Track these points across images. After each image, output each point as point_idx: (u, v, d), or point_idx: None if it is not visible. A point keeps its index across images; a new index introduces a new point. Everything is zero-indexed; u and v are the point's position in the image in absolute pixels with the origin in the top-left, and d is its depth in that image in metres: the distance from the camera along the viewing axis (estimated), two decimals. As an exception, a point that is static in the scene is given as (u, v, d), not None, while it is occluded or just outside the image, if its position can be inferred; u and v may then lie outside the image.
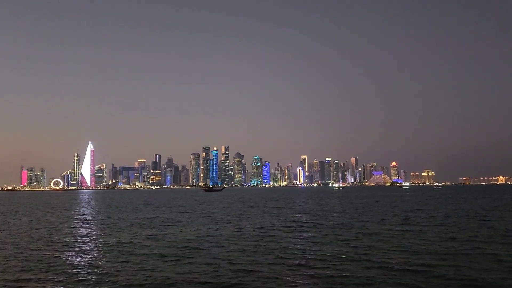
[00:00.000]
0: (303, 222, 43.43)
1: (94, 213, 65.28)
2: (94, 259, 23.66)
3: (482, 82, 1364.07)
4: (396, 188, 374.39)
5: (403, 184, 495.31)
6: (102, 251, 26.23)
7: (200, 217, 52.17)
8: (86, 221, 49.40)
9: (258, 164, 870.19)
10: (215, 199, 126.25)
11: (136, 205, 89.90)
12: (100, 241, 30.95)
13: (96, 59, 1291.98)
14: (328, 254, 23.79)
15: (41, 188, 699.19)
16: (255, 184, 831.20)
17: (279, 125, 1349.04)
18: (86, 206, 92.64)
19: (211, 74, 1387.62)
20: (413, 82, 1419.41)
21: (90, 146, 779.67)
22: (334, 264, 21.04)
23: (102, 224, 45.51)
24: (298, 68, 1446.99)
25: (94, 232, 37.26)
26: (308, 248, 25.95)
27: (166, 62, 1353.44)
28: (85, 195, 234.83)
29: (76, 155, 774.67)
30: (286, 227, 38.97)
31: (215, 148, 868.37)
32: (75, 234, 35.82)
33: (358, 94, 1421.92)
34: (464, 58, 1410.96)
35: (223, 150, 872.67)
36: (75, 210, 76.29)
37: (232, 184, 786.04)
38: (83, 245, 28.92)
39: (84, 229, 40.06)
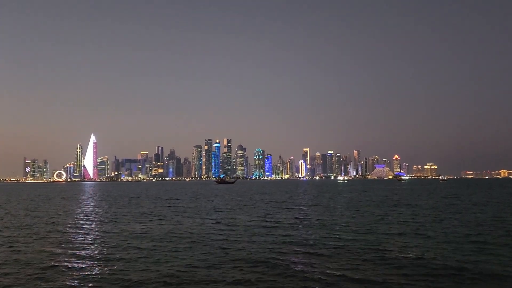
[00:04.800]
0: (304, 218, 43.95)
1: (84, 206, 66.00)
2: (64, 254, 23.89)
3: (484, 77, 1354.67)
4: (395, 181, 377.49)
5: (402, 178, 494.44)
6: (78, 246, 26.47)
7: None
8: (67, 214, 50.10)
9: (260, 157, 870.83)
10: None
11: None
12: (81, 235, 31.34)
13: (99, 52, 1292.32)
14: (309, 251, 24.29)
15: (44, 180, 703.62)
16: (257, 176, 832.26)
17: (282, 118, 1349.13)
18: (81, 198, 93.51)
19: (214, 69, 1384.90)
20: (416, 76, 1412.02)
21: (92, 138, 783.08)
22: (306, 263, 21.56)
23: (89, 216, 46.17)
24: (300, 62, 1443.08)
25: (76, 225, 37.80)
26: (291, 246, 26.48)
27: (169, 57, 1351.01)
28: (87, 187, 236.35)
29: (79, 147, 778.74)
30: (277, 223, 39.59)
31: (217, 141, 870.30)
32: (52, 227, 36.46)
33: (360, 87, 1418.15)
34: (467, 53, 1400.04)
35: (225, 142, 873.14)
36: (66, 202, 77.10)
37: (234, 177, 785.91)
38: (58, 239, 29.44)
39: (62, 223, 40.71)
